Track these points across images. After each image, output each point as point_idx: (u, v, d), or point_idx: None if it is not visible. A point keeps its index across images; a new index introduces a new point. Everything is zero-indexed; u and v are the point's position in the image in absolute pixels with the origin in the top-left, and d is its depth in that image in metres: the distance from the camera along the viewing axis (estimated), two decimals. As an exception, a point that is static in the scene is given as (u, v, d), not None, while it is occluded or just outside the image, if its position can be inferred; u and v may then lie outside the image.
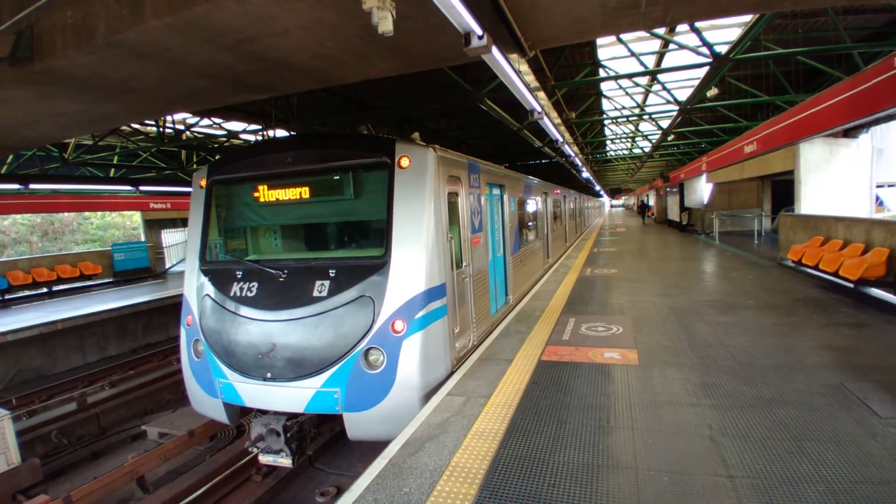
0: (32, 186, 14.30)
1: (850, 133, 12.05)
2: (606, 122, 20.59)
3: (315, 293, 5.33)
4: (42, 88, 5.63)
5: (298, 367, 5.18)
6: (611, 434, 4.10)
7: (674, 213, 31.04)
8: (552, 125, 10.63)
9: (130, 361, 13.25)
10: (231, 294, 5.72)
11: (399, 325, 5.10)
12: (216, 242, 6.41)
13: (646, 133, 22.43)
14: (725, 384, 5.02)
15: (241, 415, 6.20)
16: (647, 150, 27.12)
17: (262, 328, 5.39)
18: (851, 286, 8.53)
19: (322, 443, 7.09)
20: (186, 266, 6.39)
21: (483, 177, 7.63)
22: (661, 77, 13.61)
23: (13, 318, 13.23)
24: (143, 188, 18.55)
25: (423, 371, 5.17)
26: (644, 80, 14.17)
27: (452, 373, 5.71)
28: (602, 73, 12.34)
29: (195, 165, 19.65)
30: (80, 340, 13.57)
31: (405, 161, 5.47)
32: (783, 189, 21.46)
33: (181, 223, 26.33)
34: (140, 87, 5.85)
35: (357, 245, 6.21)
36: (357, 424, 5.15)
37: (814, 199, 12.57)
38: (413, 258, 5.28)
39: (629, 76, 12.01)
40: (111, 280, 21.01)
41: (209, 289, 5.93)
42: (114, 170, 19.16)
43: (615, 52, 11.59)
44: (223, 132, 16.35)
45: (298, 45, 4.99)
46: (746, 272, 12.08)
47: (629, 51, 10.61)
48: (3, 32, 4.76)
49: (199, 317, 5.89)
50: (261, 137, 15.21)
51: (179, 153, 19.24)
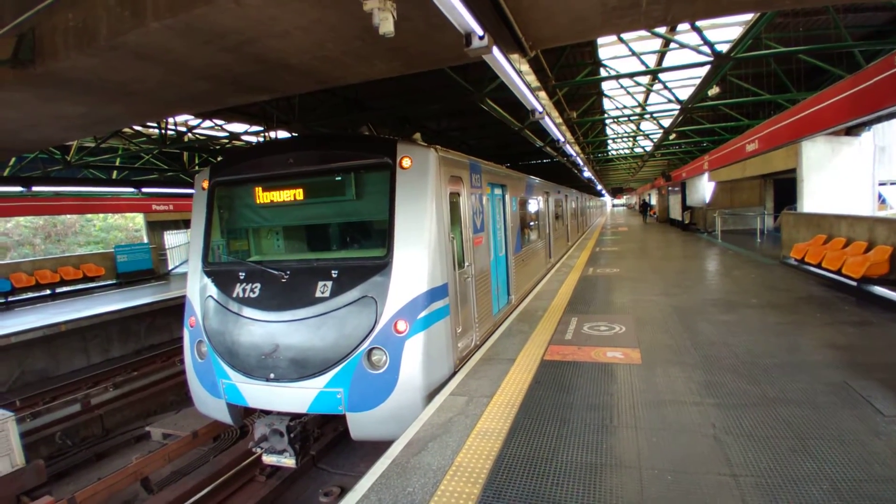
0: (35, 189, 14.36)
1: (853, 131, 12.03)
2: (608, 122, 20.57)
3: (318, 294, 5.34)
4: (44, 91, 5.64)
5: (301, 368, 5.19)
6: (614, 433, 4.09)
7: (676, 212, 31.02)
8: (553, 125, 10.62)
9: (134, 363, 13.26)
10: (234, 295, 5.73)
11: (402, 326, 5.11)
12: (219, 244, 6.42)
13: (647, 132, 22.40)
14: (729, 383, 5.01)
15: (245, 415, 6.21)
16: (649, 150, 27.10)
17: (265, 329, 5.40)
18: (854, 284, 8.50)
19: (325, 443, 7.10)
20: (189, 267, 6.40)
21: (485, 177, 7.63)
22: (663, 76, 13.60)
23: (17, 320, 13.26)
24: (146, 190, 18.64)
25: (426, 371, 5.17)
26: (645, 80, 14.15)
27: (455, 373, 5.71)
28: (603, 73, 12.33)
29: (197, 167, 19.69)
30: (84, 342, 13.59)
31: (407, 161, 5.47)
32: (785, 187, 21.42)
33: (184, 225, 26.39)
34: (141, 90, 5.86)
35: (359, 246, 6.22)
36: (360, 424, 5.16)
37: (816, 198, 12.54)
38: (415, 258, 5.28)
39: (630, 75, 12.00)
40: (114, 282, 21.07)
41: (212, 290, 5.95)
42: (116, 172, 19.23)
43: (616, 52, 11.57)
44: (225, 134, 16.38)
45: (299, 47, 5.00)
46: (749, 271, 12.05)
47: (630, 50, 10.60)
48: (5, 35, 4.78)
49: (203, 318, 5.91)
50: (262, 139, 15.24)
51: (181, 155, 19.30)
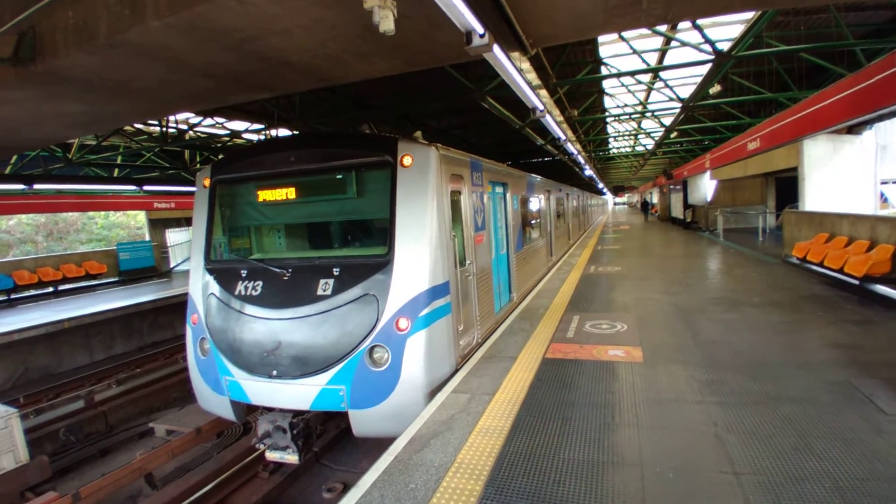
0: (37, 186, 14.37)
1: (854, 129, 12.00)
2: (609, 120, 20.53)
3: (319, 291, 5.34)
4: (45, 89, 5.65)
5: (304, 365, 5.21)
6: (616, 431, 4.10)
7: (677, 211, 30.98)
8: (554, 123, 10.61)
9: (137, 360, 13.31)
10: (236, 293, 5.74)
11: (403, 323, 5.12)
12: (220, 241, 6.43)
13: (649, 130, 22.37)
14: (730, 381, 5.01)
15: (248, 412, 6.22)
16: (650, 148, 27.05)
17: (268, 326, 5.41)
18: (856, 283, 8.49)
19: (328, 439, 7.12)
20: (191, 265, 6.42)
21: (486, 175, 7.63)
22: (664, 74, 13.56)
23: (20, 318, 13.29)
24: (147, 188, 18.65)
25: (428, 368, 5.18)
26: (646, 78, 14.13)
27: (457, 370, 5.72)
28: (604, 71, 12.29)
29: (198, 165, 19.68)
30: (87, 339, 13.62)
31: (408, 160, 5.47)
32: (787, 186, 21.39)
33: (185, 222, 26.43)
34: (142, 88, 5.87)
35: (360, 243, 6.23)
36: (362, 421, 5.17)
37: (818, 196, 12.52)
38: (416, 256, 5.28)
39: (631, 73, 11.96)
40: (116, 279, 21.11)
41: (214, 287, 5.96)
42: (117, 170, 19.22)
43: (617, 50, 11.55)
44: (226, 132, 16.38)
45: (300, 45, 5.00)
46: (751, 269, 12.04)
47: (631, 48, 10.57)
48: (6, 33, 4.77)
49: (205, 315, 5.92)
50: (263, 137, 15.23)
51: (183, 153, 19.29)
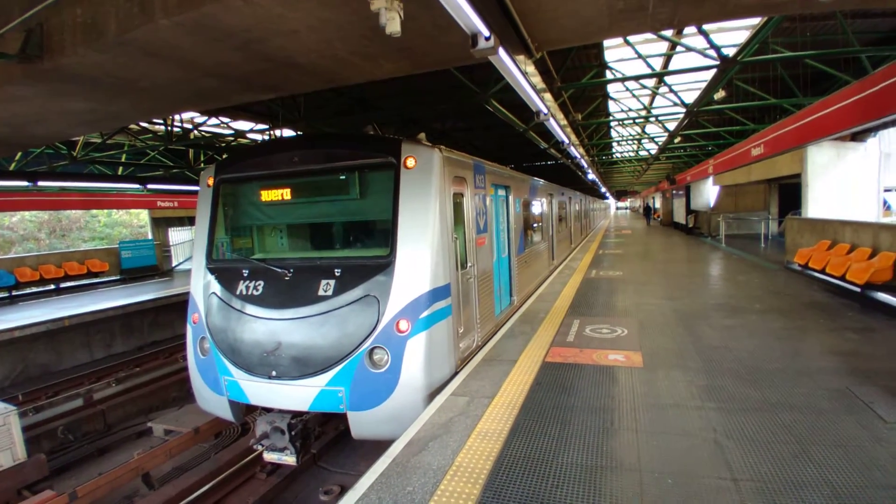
0: (41, 183, 14.43)
1: (858, 137, 11.98)
2: (613, 124, 20.56)
3: (320, 292, 5.35)
4: (51, 86, 5.67)
5: (303, 366, 5.20)
6: (615, 436, 4.09)
7: (680, 216, 30.96)
8: (558, 127, 10.62)
9: (136, 359, 13.32)
10: (237, 292, 5.74)
11: (403, 325, 5.12)
12: (223, 241, 6.44)
13: (652, 135, 22.37)
14: (730, 387, 5.00)
15: (246, 412, 6.22)
16: (654, 153, 27.04)
17: (268, 326, 5.42)
18: (858, 290, 8.46)
19: (326, 441, 7.12)
20: (193, 264, 6.43)
21: (488, 178, 7.64)
22: (668, 79, 13.58)
23: (21, 315, 13.31)
24: (151, 186, 18.69)
25: (427, 371, 5.18)
26: (651, 83, 14.15)
27: (456, 373, 5.71)
28: (609, 75, 12.32)
29: (203, 164, 19.75)
30: (87, 337, 13.64)
31: (411, 161, 5.48)
32: (790, 192, 21.36)
33: (188, 221, 26.48)
34: (149, 86, 5.89)
35: (362, 245, 6.23)
36: (361, 423, 5.17)
37: (821, 203, 12.50)
38: (418, 258, 5.29)
39: (636, 78, 12.00)
40: (118, 277, 21.14)
41: (215, 287, 5.96)
42: (122, 168, 19.32)
43: (622, 54, 11.57)
44: (230, 131, 16.44)
45: (306, 46, 5.02)
46: (752, 275, 12.02)
47: (636, 53, 10.58)
48: (13, 30, 4.80)
49: (206, 315, 5.93)
50: (268, 137, 15.27)
51: (187, 152, 19.36)
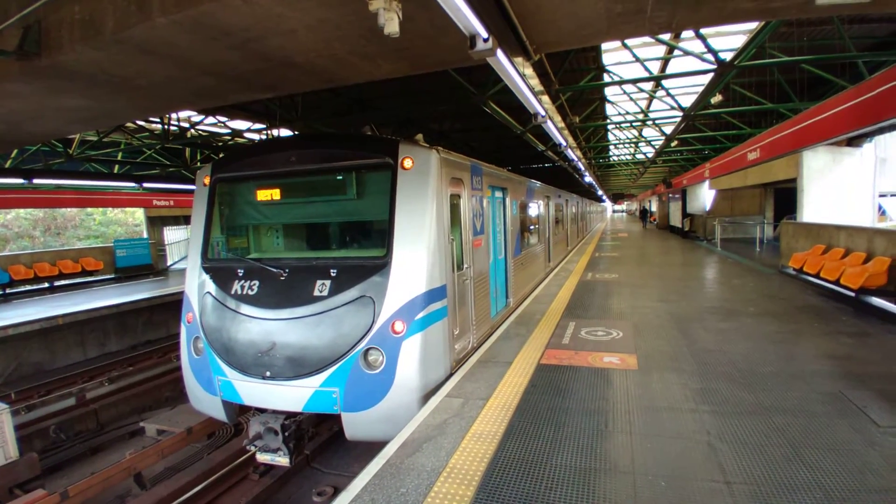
0: (36, 181, 14.34)
1: (854, 142, 12.05)
2: (610, 127, 20.61)
3: (316, 292, 5.33)
4: (48, 83, 5.64)
5: (298, 367, 5.18)
6: (609, 438, 4.09)
7: (676, 219, 31.03)
8: (556, 129, 10.64)
9: (130, 358, 13.25)
10: (232, 292, 5.72)
11: (399, 326, 5.11)
12: (218, 240, 6.42)
13: (649, 138, 22.44)
14: (724, 390, 5.01)
15: (240, 413, 6.20)
16: (650, 156, 27.12)
17: (263, 326, 5.39)
18: (853, 295, 8.50)
19: (320, 442, 7.09)
20: (188, 263, 6.40)
21: (485, 179, 7.64)
22: (666, 83, 13.63)
23: (14, 313, 13.26)
24: (147, 185, 18.62)
25: (423, 372, 5.17)
26: (648, 86, 14.19)
27: (451, 374, 5.71)
28: (606, 78, 12.35)
29: (199, 163, 19.69)
30: (81, 336, 13.57)
31: (408, 162, 5.48)
32: (786, 197, 21.45)
33: (184, 220, 26.40)
34: (146, 84, 5.86)
35: (359, 245, 6.22)
36: (355, 424, 5.15)
37: (816, 208, 12.55)
38: (414, 259, 5.28)
39: (633, 81, 12.02)
40: (113, 276, 21.04)
41: (210, 286, 5.94)
42: (118, 166, 19.23)
43: (620, 58, 11.60)
44: (227, 130, 16.40)
45: (305, 45, 5.00)
46: (747, 279, 12.06)
47: (634, 56, 10.62)
48: (11, 26, 4.78)
49: (200, 314, 5.90)
50: (265, 136, 15.24)
51: (183, 151, 19.29)
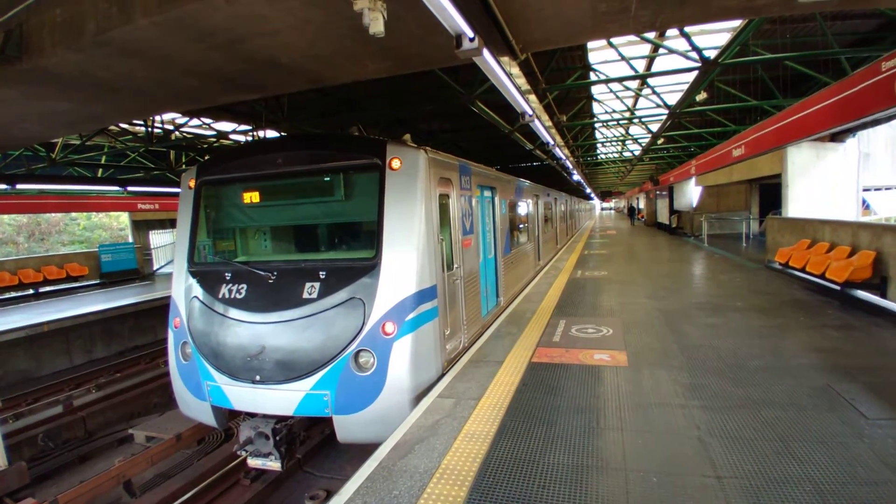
0: (19, 186, 14.13)
1: (837, 137, 12.20)
2: (597, 126, 20.71)
3: (305, 295, 5.29)
4: (30, 87, 5.55)
5: (288, 370, 5.14)
6: (600, 436, 4.10)
7: (663, 216, 31.28)
8: (543, 128, 10.66)
9: (117, 364, 13.09)
10: (220, 296, 5.66)
11: (390, 327, 5.09)
12: (205, 244, 6.35)
13: (636, 136, 22.59)
14: (713, 385, 5.05)
15: (230, 418, 6.14)
16: (638, 154, 27.31)
17: (252, 330, 5.34)
18: (838, 288, 8.61)
19: (311, 446, 7.05)
20: (174, 267, 6.33)
21: (474, 179, 7.64)
22: (651, 81, 13.71)
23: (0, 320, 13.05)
24: (131, 189, 18.42)
25: (414, 373, 5.15)
26: (634, 84, 14.28)
27: (443, 374, 5.70)
28: (593, 77, 12.40)
29: (184, 166, 19.46)
30: (67, 343, 13.39)
31: (396, 163, 5.47)
32: (771, 192, 21.69)
33: (169, 224, 26.10)
34: (129, 87, 5.78)
35: (348, 247, 6.19)
36: (347, 427, 5.12)
37: (801, 203, 12.70)
38: (404, 260, 5.26)
39: (619, 80, 12.10)
40: (98, 282, 20.77)
41: (197, 290, 5.87)
42: (101, 170, 18.94)
43: (606, 56, 11.64)
44: (212, 132, 16.24)
45: (289, 46, 4.97)
46: (734, 274, 12.18)
47: (620, 55, 10.67)
48: (-9, 30, 4.70)
49: (187, 319, 5.83)
50: (251, 138, 15.12)
51: (168, 153, 19.04)
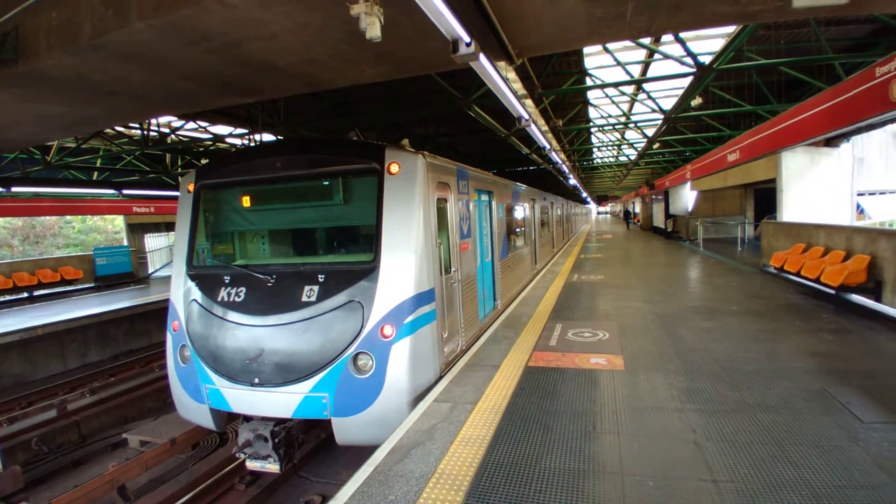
0: (14, 189, 14.08)
1: (832, 142, 12.28)
2: (593, 130, 20.79)
3: (304, 298, 5.30)
4: (26, 90, 5.55)
5: (287, 373, 5.14)
6: (596, 440, 4.11)
7: (659, 220, 31.40)
8: (539, 132, 10.70)
9: (111, 368, 13.01)
10: (219, 299, 5.66)
11: (388, 330, 5.09)
12: (204, 247, 6.35)
13: (631, 141, 22.68)
14: (709, 389, 5.06)
15: (228, 421, 6.12)
16: (633, 158, 27.41)
17: (250, 333, 5.34)
18: (833, 292, 8.66)
19: (307, 451, 7.03)
20: (173, 271, 6.32)
21: (472, 183, 7.66)
22: (647, 86, 13.79)
23: (-8, 324, 12.94)
24: (127, 192, 18.37)
25: (412, 376, 5.16)
26: (630, 89, 14.35)
27: (441, 377, 5.70)
28: (589, 82, 12.46)
29: (180, 169, 19.42)
30: (61, 347, 13.31)
31: (394, 167, 5.49)
32: (766, 197, 21.73)
33: (165, 227, 26.02)
34: (124, 90, 5.79)
35: (346, 250, 6.19)
36: (345, 429, 5.12)
37: (796, 207, 12.76)
38: (402, 263, 5.27)
39: (615, 85, 12.15)
40: (93, 285, 20.67)
41: (196, 294, 5.87)
42: (97, 173, 18.90)
43: (602, 62, 11.72)
44: (209, 136, 16.20)
45: (286, 49, 4.98)
46: (730, 279, 12.22)
47: (615, 60, 10.73)
48: (-13, 33, 4.69)
49: (186, 322, 5.82)
50: (247, 141, 15.11)
51: (164, 157, 18.98)
